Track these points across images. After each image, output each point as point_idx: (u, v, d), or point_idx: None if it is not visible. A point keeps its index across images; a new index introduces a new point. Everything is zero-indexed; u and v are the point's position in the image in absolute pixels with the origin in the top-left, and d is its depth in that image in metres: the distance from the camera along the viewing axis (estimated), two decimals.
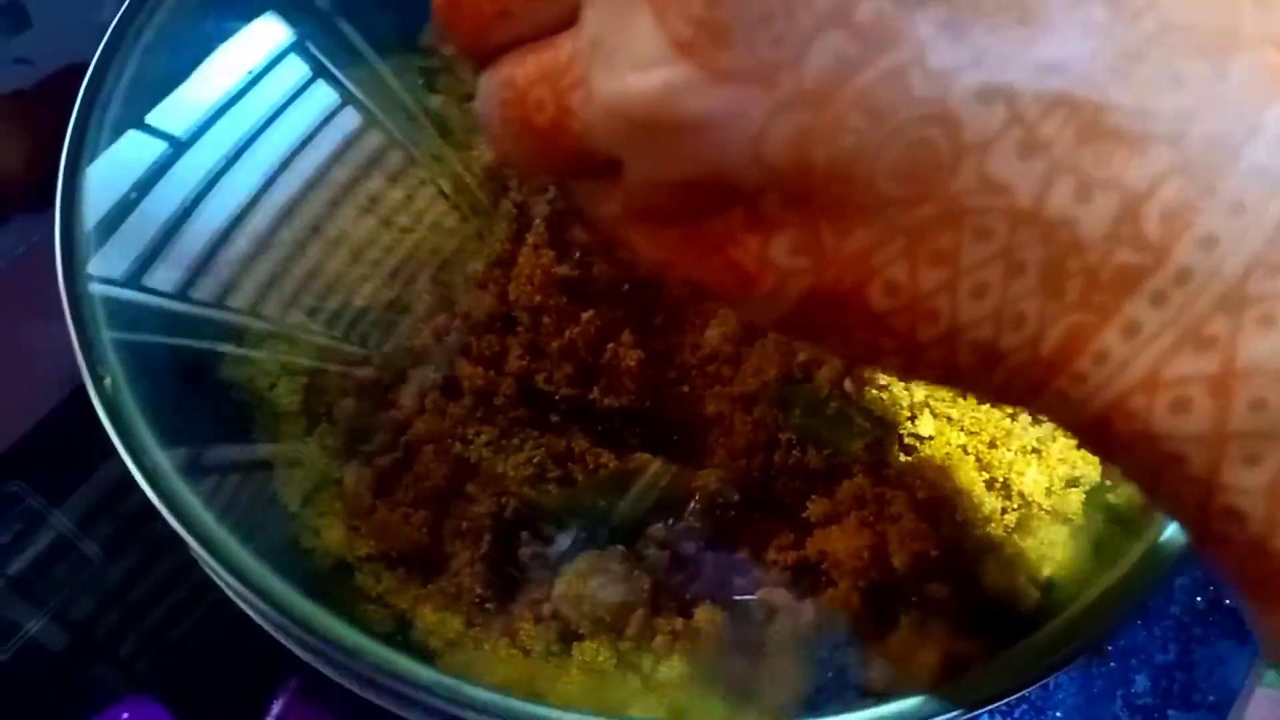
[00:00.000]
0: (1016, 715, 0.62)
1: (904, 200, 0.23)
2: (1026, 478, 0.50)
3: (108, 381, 0.44)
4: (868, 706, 0.47)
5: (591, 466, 0.50)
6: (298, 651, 0.41)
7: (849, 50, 0.22)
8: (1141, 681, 0.64)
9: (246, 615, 0.44)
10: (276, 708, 0.41)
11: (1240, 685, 0.66)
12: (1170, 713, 0.63)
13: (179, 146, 0.53)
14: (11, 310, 0.68)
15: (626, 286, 0.55)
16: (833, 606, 0.48)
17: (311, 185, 0.56)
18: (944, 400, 0.51)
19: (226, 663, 0.54)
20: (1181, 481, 0.25)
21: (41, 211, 0.71)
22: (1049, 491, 0.51)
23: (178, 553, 0.57)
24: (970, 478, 0.50)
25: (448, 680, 0.40)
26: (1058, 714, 0.62)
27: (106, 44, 0.52)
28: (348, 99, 0.60)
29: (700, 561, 0.49)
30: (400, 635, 0.48)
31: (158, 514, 0.44)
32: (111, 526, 0.60)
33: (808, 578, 0.50)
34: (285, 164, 0.57)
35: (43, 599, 0.58)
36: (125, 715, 0.41)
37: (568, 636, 0.47)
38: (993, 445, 0.51)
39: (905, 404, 0.51)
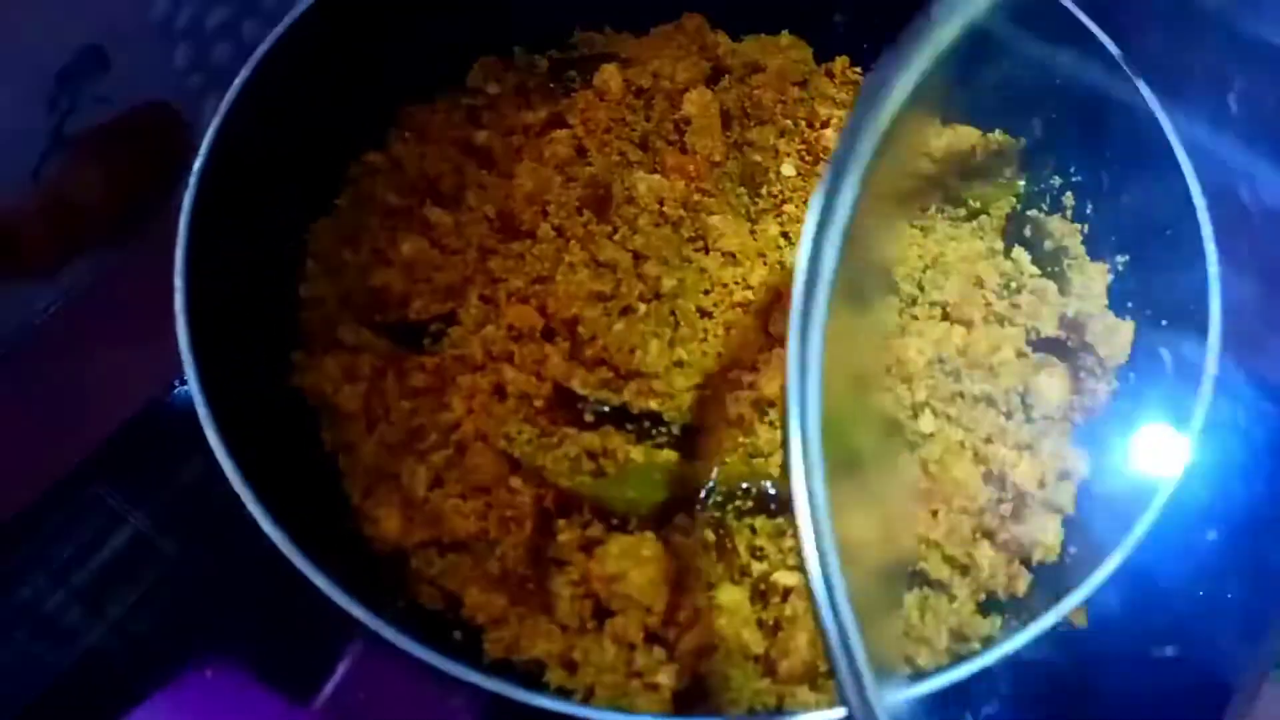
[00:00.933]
0: None
1: None
2: (1020, 470, 0.54)
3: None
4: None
5: (623, 461, 0.55)
6: None
7: None
8: None
9: (313, 599, 0.48)
10: (342, 669, 0.46)
11: (1240, 679, 0.68)
12: None
13: None
14: (90, 329, 0.72)
15: (654, 300, 0.60)
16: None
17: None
18: (944, 400, 0.56)
19: (295, 638, 0.58)
20: None
21: (118, 238, 0.75)
22: (1042, 484, 0.55)
23: (247, 548, 0.62)
24: (968, 471, 0.54)
25: None
26: None
27: None
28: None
29: (722, 547, 0.54)
30: (451, 612, 0.53)
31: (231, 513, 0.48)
32: (187, 527, 0.64)
33: None
34: None
35: (122, 593, 0.62)
36: (208, 673, 0.45)
37: (601, 613, 0.52)
38: (989, 441, 0.55)
39: (908, 404, 0.56)
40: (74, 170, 0.70)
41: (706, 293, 0.60)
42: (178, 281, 0.52)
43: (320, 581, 0.47)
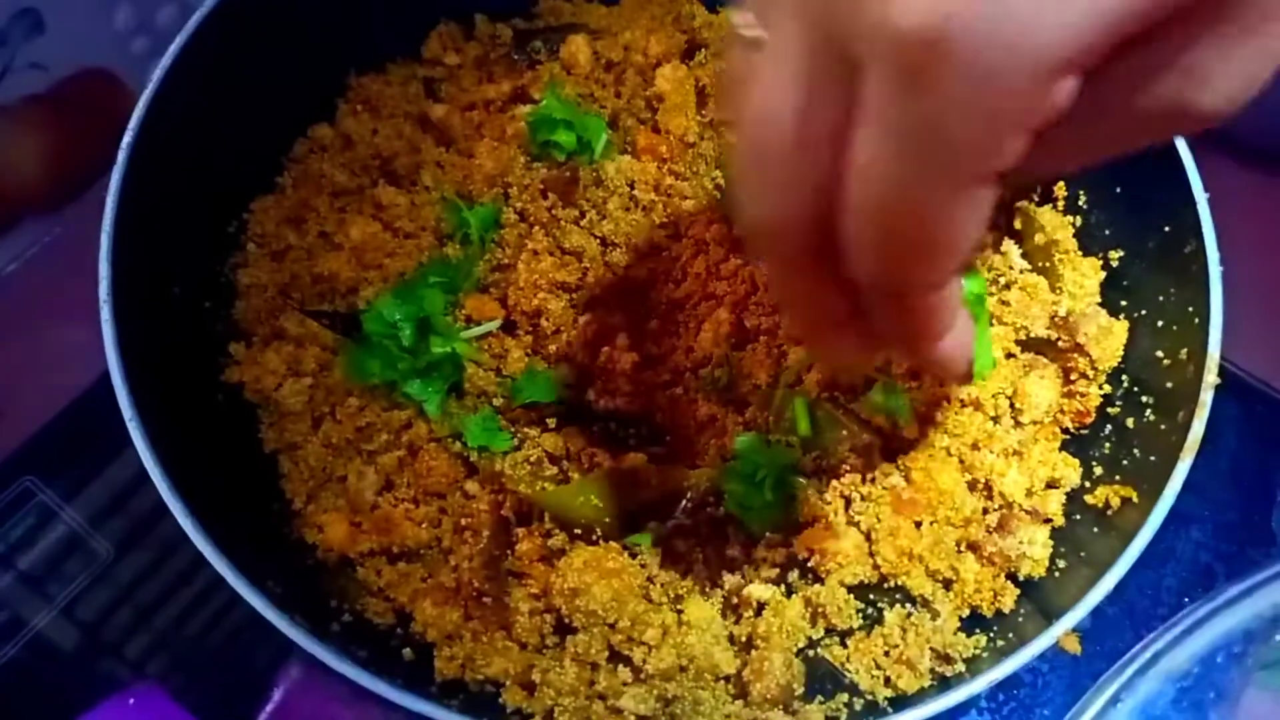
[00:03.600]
0: (1005, 713, 0.63)
1: None
2: (1007, 479, 0.51)
3: None
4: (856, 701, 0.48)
5: (587, 466, 0.51)
6: None
7: None
8: None
9: (250, 608, 0.45)
10: (278, 695, 0.42)
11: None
12: None
13: None
14: (26, 310, 0.69)
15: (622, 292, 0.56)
16: (819, 602, 0.49)
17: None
18: (928, 404, 0.53)
19: (230, 652, 0.55)
20: None
21: (53, 213, 0.72)
22: (1029, 493, 0.52)
23: (183, 549, 0.59)
24: (953, 479, 0.51)
25: None
26: (1046, 712, 0.63)
27: None
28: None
29: (691, 558, 0.51)
30: (400, 627, 0.50)
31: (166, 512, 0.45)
32: (121, 523, 0.61)
33: (795, 574, 0.51)
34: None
35: (51, 594, 0.59)
36: (131, 700, 0.42)
37: (562, 629, 0.48)
38: (975, 447, 0.52)
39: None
40: (6, 141, 0.68)
41: (678, 283, 0.57)
42: (103, 267, 0.49)
43: (254, 598, 0.43)
